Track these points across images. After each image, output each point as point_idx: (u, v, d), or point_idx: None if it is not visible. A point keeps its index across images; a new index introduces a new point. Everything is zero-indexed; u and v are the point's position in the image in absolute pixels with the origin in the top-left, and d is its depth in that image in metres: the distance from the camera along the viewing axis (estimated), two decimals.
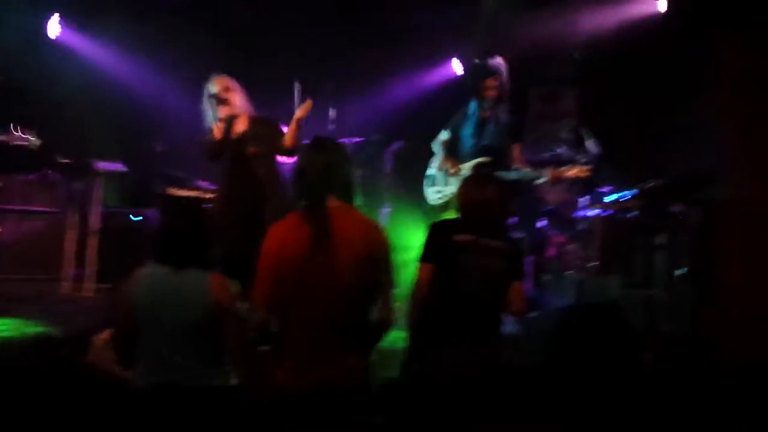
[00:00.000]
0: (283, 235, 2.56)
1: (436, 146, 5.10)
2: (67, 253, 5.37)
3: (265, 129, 4.24)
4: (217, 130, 4.12)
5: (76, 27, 6.60)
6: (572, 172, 4.64)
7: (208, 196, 5.51)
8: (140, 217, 5.88)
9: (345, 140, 5.99)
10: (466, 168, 4.81)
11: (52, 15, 6.44)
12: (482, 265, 2.98)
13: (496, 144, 4.82)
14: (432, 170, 5.08)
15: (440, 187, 4.97)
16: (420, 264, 3.05)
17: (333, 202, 2.58)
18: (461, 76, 6.97)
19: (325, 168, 2.61)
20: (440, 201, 4.94)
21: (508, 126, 4.87)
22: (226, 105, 4.13)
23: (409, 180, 6.31)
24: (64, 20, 6.50)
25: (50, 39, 6.48)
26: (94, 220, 5.52)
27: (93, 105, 6.72)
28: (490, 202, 3.06)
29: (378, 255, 2.57)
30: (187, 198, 5.66)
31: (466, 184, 3.26)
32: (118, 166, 5.91)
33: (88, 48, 6.69)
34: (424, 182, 5.13)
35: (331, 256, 2.48)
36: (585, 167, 4.69)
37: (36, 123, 6.10)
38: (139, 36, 6.67)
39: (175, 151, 6.27)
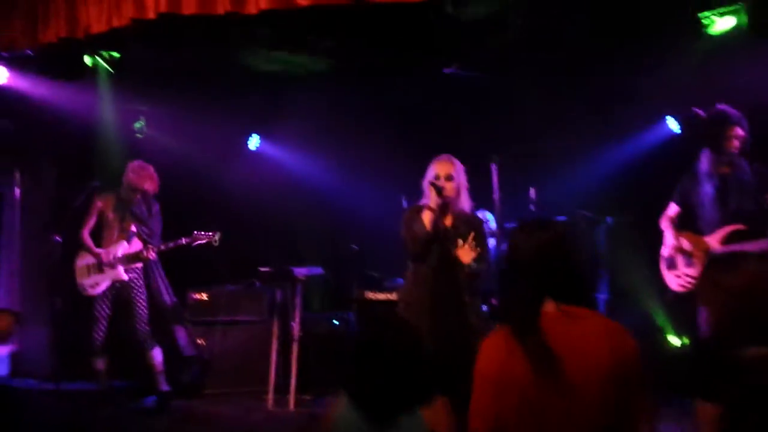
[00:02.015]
0: (499, 353, 2.01)
1: (663, 222, 4.25)
2: (272, 363, 5.25)
3: (471, 229, 3.71)
4: (426, 217, 3.66)
5: (272, 138, 6.87)
6: None
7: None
8: (338, 322, 5.69)
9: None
10: (715, 242, 3.92)
11: (251, 130, 6.79)
12: None
13: (745, 206, 3.90)
14: (667, 250, 4.21)
15: (683, 269, 4.08)
16: (697, 402, 2.11)
17: (550, 306, 1.98)
18: (679, 135, 6.10)
19: (540, 256, 2.01)
20: (687, 288, 4.05)
21: (756, 182, 3.93)
22: (441, 193, 3.65)
23: (628, 263, 5.50)
24: (262, 134, 6.81)
25: (250, 150, 6.80)
26: (296, 328, 5.39)
27: (292, 211, 6.85)
28: None
29: (626, 368, 1.91)
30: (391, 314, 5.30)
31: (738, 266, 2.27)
32: (318, 271, 5.80)
33: (282, 156, 6.92)
34: (661, 265, 4.26)
35: (561, 375, 1.89)
36: None
37: (237, 231, 6.35)
38: (333, 138, 6.74)
39: (373, 249, 6.08)
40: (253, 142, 6.97)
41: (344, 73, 6.07)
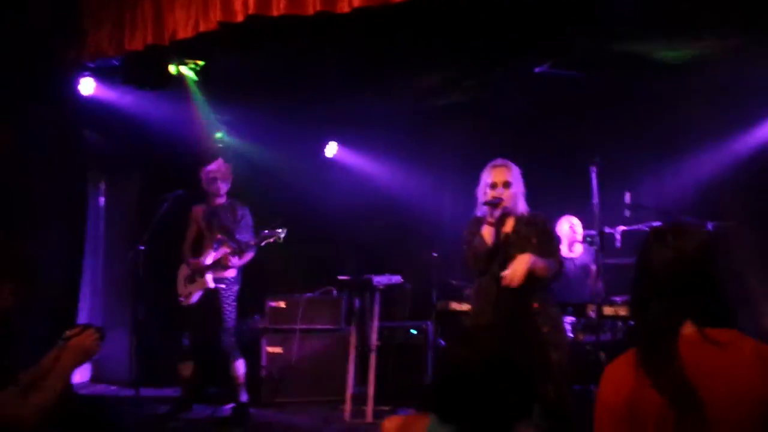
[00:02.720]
0: (626, 383, 1.69)
1: None
2: (350, 373, 5.10)
3: (533, 231, 3.50)
4: (486, 232, 3.48)
5: (349, 144, 6.79)
6: None
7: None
8: (416, 332, 5.48)
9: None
10: None
11: (329, 139, 6.73)
12: None
13: None
14: None
15: None
16: None
17: (689, 329, 1.68)
18: None
19: (680, 270, 1.69)
20: None
21: None
22: (498, 206, 3.46)
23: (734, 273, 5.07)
24: (340, 141, 6.74)
25: (328, 158, 6.74)
26: (374, 337, 5.22)
27: (370, 219, 6.73)
28: None
29: None
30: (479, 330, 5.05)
31: None
32: (397, 279, 5.62)
33: (361, 164, 6.82)
34: None
35: (703, 412, 1.59)
36: None
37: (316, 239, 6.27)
38: (413, 142, 6.59)
39: (453, 257, 5.85)
40: (331, 149, 6.90)
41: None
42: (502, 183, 3.50)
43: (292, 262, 6.33)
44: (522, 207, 3.56)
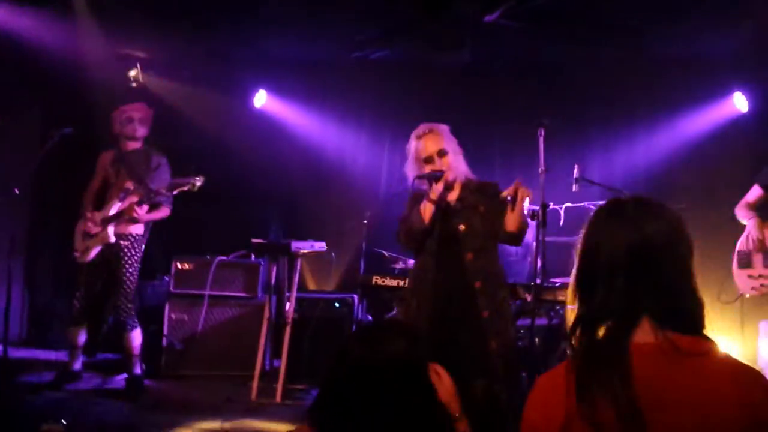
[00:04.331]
0: (561, 404, 1.27)
1: (743, 210, 3.42)
2: (261, 347, 4.58)
3: (482, 199, 3.06)
4: (425, 209, 3.03)
5: (280, 96, 6.19)
6: None
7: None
8: (339, 305, 4.99)
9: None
10: None
11: (258, 86, 6.12)
12: None
13: None
14: (742, 243, 3.39)
15: (758, 271, 3.29)
16: None
17: (646, 333, 1.26)
18: (747, 113, 5.26)
19: (641, 257, 1.29)
20: (759, 291, 3.28)
21: None
22: (440, 180, 3.03)
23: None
24: (269, 91, 6.13)
25: (256, 109, 6.13)
26: (291, 308, 4.70)
27: (299, 179, 6.17)
28: None
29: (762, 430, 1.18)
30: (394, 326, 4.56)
31: None
32: (321, 246, 5.09)
33: (292, 117, 6.23)
34: (735, 263, 3.46)
35: None
36: None
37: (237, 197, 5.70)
38: (350, 98, 6.03)
39: (387, 226, 5.39)
40: (260, 98, 6.26)
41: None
42: (436, 153, 3.06)
43: (210, 221, 5.74)
44: (464, 169, 3.12)
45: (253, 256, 5.21)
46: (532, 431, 1.32)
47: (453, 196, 3.10)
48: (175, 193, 4.40)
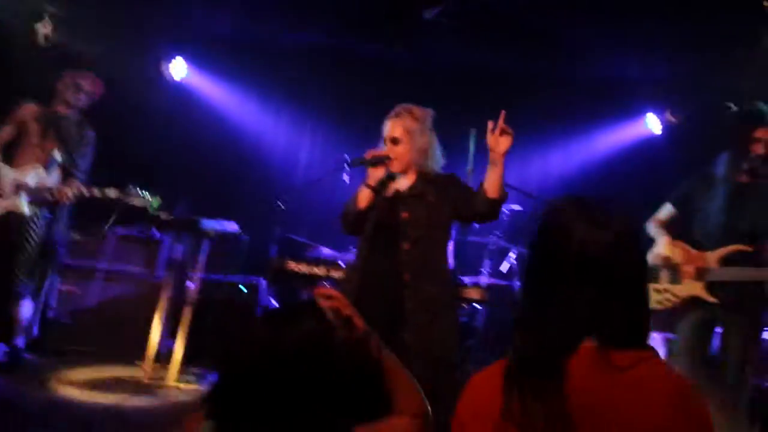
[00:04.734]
0: (488, 399, 1.23)
1: (653, 227, 3.49)
2: (157, 327, 4.33)
3: (433, 189, 2.95)
4: (362, 194, 2.97)
5: (203, 69, 5.91)
6: None
7: (336, 274, 4.18)
8: (246, 290, 4.81)
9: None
10: (712, 260, 3.21)
11: (174, 57, 5.82)
12: None
13: (760, 224, 3.19)
14: (652, 258, 3.44)
15: (665, 285, 3.36)
16: None
17: (585, 343, 1.21)
18: (659, 135, 5.47)
19: (591, 263, 1.21)
20: (664, 305, 3.34)
21: None
22: (380, 165, 2.96)
23: None
24: (189, 62, 5.84)
25: (172, 81, 5.82)
26: (193, 289, 4.47)
27: (212, 154, 5.91)
28: None
29: None
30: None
31: None
32: (232, 227, 4.88)
33: (213, 91, 5.97)
34: None
35: None
36: None
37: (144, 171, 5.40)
38: (273, 81, 5.84)
39: (305, 211, 5.27)
40: (178, 69, 5.95)
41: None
42: (390, 139, 2.96)
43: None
44: (424, 162, 2.97)
45: (156, 232, 4.95)
46: (463, 428, 1.27)
47: (404, 184, 2.99)
48: (126, 201, 4.25)
